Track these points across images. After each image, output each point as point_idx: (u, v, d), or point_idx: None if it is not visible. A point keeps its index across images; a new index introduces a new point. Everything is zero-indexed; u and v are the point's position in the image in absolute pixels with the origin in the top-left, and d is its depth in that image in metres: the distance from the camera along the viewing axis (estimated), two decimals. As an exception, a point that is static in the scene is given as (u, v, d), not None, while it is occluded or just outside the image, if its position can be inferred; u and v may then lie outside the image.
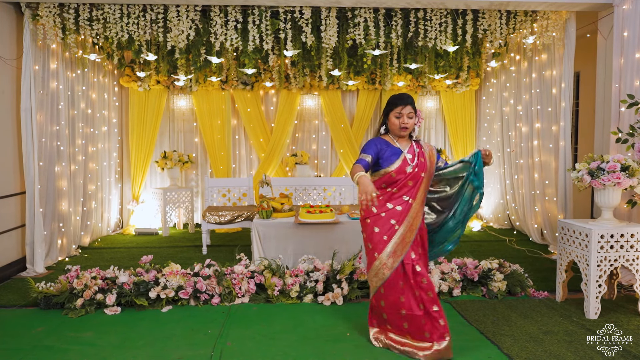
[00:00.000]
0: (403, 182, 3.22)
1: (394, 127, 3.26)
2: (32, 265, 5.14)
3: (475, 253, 5.59)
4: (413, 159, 3.25)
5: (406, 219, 3.19)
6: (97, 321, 3.82)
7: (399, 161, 3.22)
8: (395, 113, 3.23)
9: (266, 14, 5.25)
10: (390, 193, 3.24)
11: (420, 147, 3.35)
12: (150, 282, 4.16)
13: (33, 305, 4.15)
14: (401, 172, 3.21)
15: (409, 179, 3.22)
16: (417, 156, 3.27)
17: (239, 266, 4.40)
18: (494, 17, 5.48)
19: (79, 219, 6.19)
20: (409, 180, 3.22)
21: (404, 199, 3.23)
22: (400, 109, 3.22)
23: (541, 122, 6.20)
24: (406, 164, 3.23)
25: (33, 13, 5.10)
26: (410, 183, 3.22)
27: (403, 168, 3.22)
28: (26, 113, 5.03)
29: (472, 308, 4.03)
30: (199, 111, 7.64)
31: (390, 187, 3.24)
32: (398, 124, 3.23)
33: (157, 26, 5.29)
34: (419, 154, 3.29)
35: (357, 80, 7.43)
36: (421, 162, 3.26)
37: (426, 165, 3.28)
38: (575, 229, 3.93)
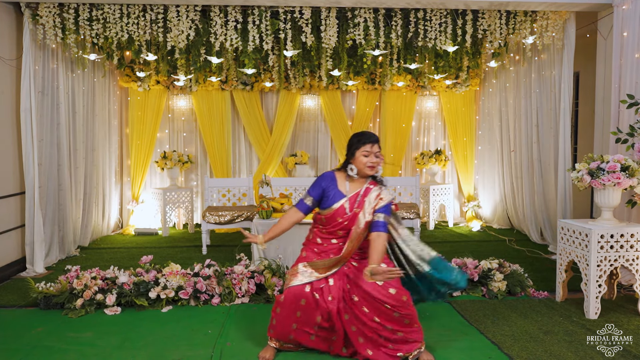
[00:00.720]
0: (333, 227, 3.10)
1: (361, 165, 3.06)
2: (31, 265, 5.14)
3: (475, 253, 5.57)
4: (350, 209, 3.07)
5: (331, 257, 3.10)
6: (97, 321, 3.81)
7: (336, 205, 3.08)
8: (364, 152, 3.04)
9: (266, 14, 5.25)
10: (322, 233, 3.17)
11: (367, 194, 3.09)
12: (150, 282, 4.16)
13: (33, 305, 4.15)
14: (332, 219, 3.09)
15: (338, 228, 3.09)
16: (356, 206, 3.07)
17: (239, 266, 4.39)
18: (493, 17, 5.48)
19: (78, 219, 6.18)
20: (339, 230, 3.09)
21: (331, 242, 3.14)
22: (370, 146, 3.04)
23: (541, 122, 6.21)
24: (341, 212, 3.07)
25: (33, 13, 5.10)
26: (339, 232, 3.10)
27: (335, 216, 3.08)
28: (26, 113, 5.03)
29: (472, 308, 4.03)
30: (199, 111, 7.64)
31: (324, 226, 3.15)
32: (365, 162, 3.05)
33: (157, 26, 5.29)
34: (359, 203, 3.07)
35: (357, 81, 7.43)
36: (355, 213, 3.06)
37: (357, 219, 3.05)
38: (575, 229, 3.93)
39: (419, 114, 8.24)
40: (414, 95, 7.94)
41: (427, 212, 7.59)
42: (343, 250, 3.07)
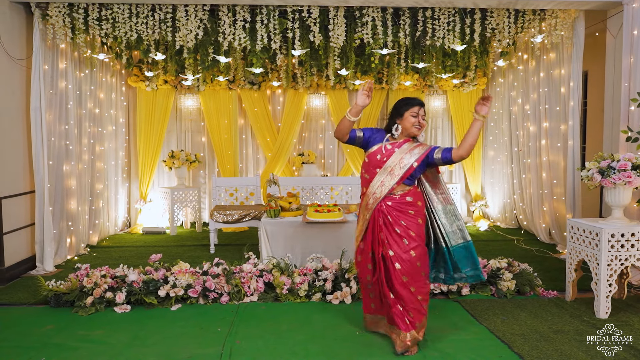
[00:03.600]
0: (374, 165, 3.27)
1: (409, 124, 3.25)
2: (41, 263, 5.17)
3: (483, 253, 5.57)
4: (388, 147, 3.28)
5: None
6: (107, 319, 3.84)
7: (376, 147, 3.29)
8: (412, 112, 3.24)
9: (274, 13, 5.26)
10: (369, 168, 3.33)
11: (405, 143, 3.29)
12: (159, 280, 4.17)
13: (43, 303, 4.18)
14: (373, 157, 3.28)
15: (378, 164, 3.26)
16: (396, 145, 3.28)
17: (248, 265, 4.40)
18: (502, 16, 5.46)
19: (87, 218, 6.22)
20: (377, 168, 3.27)
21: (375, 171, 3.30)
22: (418, 109, 3.25)
23: (549, 121, 6.18)
24: (380, 151, 3.27)
25: (43, 13, 5.13)
26: (378, 170, 3.26)
27: (376, 153, 3.28)
28: (36, 112, 5.06)
29: (481, 307, 4.02)
30: (206, 111, 7.66)
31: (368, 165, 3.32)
32: (413, 122, 3.24)
33: (165, 26, 5.31)
34: (399, 144, 3.28)
35: (364, 80, 7.43)
36: (392, 151, 3.26)
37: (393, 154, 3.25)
38: (585, 228, 3.91)
39: (426, 113, 8.19)
40: (421, 95, 7.93)
41: (435, 212, 7.55)
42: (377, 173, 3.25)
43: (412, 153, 3.23)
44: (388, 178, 3.22)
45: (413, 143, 3.30)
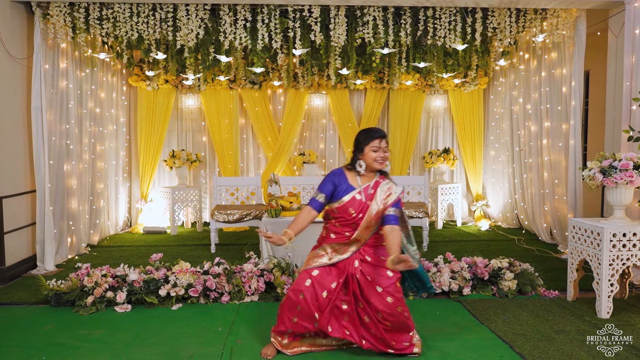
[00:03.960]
0: (346, 221, 3.12)
1: (370, 160, 3.10)
2: (42, 263, 5.17)
3: (484, 253, 5.56)
4: (363, 200, 3.11)
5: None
6: (108, 319, 3.83)
7: (347, 198, 3.11)
8: (373, 147, 3.09)
9: (275, 12, 5.26)
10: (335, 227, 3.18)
11: (377, 186, 3.15)
12: (160, 280, 4.17)
13: (44, 302, 4.17)
14: (344, 211, 3.11)
15: (351, 220, 3.11)
16: (367, 198, 3.12)
17: (248, 264, 4.40)
18: (503, 15, 5.45)
19: (87, 218, 6.22)
20: (352, 222, 3.11)
21: (345, 234, 3.15)
22: (378, 141, 3.09)
23: (551, 121, 6.17)
24: (354, 204, 3.10)
25: (43, 12, 5.13)
26: (352, 225, 3.12)
27: (347, 206, 3.11)
28: (36, 112, 5.06)
29: (482, 307, 4.01)
30: (207, 110, 7.66)
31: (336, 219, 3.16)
32: (375, 157, 3.10)
33: (166, 25, 5.31)
34: (371, 195, 3.13)
35: (365, 80, 7.42)
36: (367, 204, 3.11)
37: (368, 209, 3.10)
38: (587, 228, 3.90)
39: (427, 113, 8.22)
40: (422, 94, 7.92)
41: (436, 212, 7.56)
42: (354, 235, 3.11)
43: (386, 201, 3.11)
44: (365, 232, 3.13)
45: (384, 184, 3.16)
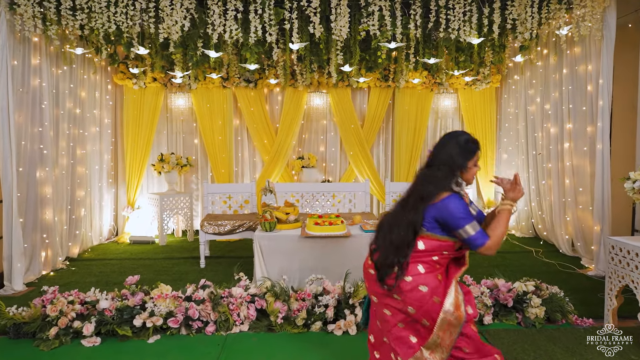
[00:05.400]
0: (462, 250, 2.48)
1: (470, 177, 2.45)
2: (9, 282, 4.62)
3: (501, 267, 5.03)
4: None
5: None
6: (73, 354, 3.30)
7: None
8: (475, 160, 2.44)
9: (270, 2, 4.70)
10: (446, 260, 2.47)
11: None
12: (135, 307, 3.63)
13: (2, 333, 3.63)
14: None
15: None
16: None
17: (238, 288, 3.85)
18: (523, 6, 4.90)
19: (65, 229, 5.68)
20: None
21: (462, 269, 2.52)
22: (479, 154, 2.46)
23: (573, 123, 5.62)
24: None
25: (10, 2, 4.58)
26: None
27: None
28: (2, 113, 4.51)
29: (508, 340, 3.46)
30: (199, 110, 7.12)
31: (449, 253, 2.44)
32: (474, 173, 2.46)
33: (147, 16, 4.76)
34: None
35: (369, 77, 6.86)
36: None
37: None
38: (630, 249, 3.35)
39: (436, 113, 7.67)
40: (430, 93, 7.37)
41: (445, 220, 7.01)
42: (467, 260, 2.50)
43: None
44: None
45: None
